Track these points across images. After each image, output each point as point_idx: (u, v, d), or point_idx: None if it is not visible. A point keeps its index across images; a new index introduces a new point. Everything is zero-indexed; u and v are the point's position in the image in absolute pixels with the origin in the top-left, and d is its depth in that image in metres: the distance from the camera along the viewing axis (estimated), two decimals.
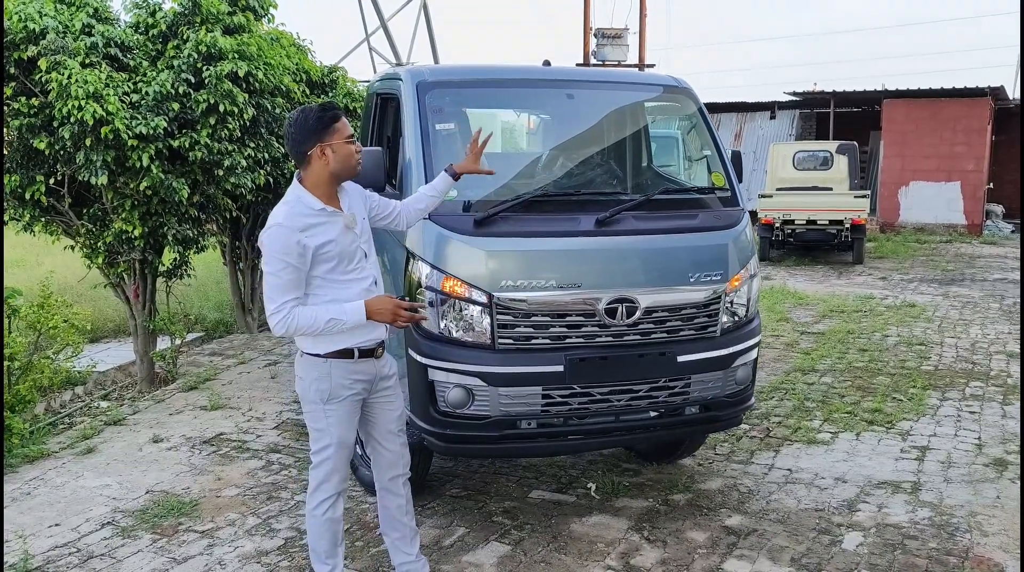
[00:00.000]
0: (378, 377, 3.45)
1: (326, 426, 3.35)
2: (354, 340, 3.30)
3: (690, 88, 4.73)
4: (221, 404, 6.69)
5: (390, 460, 3.61)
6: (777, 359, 8.14)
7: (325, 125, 3.22)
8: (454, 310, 3.92)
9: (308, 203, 3.23)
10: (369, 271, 3.37)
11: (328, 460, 3.38)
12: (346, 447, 3.41)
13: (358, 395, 3.39)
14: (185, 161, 6.92)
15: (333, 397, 3.32)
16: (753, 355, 4.44)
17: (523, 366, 3.93)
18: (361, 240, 3.35)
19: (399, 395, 3.59)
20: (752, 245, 4.46)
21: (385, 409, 3.53)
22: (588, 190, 4.40)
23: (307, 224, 3.18)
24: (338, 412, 3.34)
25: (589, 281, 3.96)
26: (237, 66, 6.83)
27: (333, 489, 3.41)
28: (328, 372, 3.30)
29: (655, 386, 4.11)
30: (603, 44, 25.15)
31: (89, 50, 6.60)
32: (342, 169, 3.26)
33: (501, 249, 3.91)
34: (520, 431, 4.02)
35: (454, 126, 4.27)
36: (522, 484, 5.04)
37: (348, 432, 3.39)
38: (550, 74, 4.54)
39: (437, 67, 4.53)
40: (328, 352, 3.29)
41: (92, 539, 4.38)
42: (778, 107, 23.37)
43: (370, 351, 3.38)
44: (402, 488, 3.66)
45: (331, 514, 3.43)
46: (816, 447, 5.67)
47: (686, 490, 4.94)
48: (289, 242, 3.12)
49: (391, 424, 3.56)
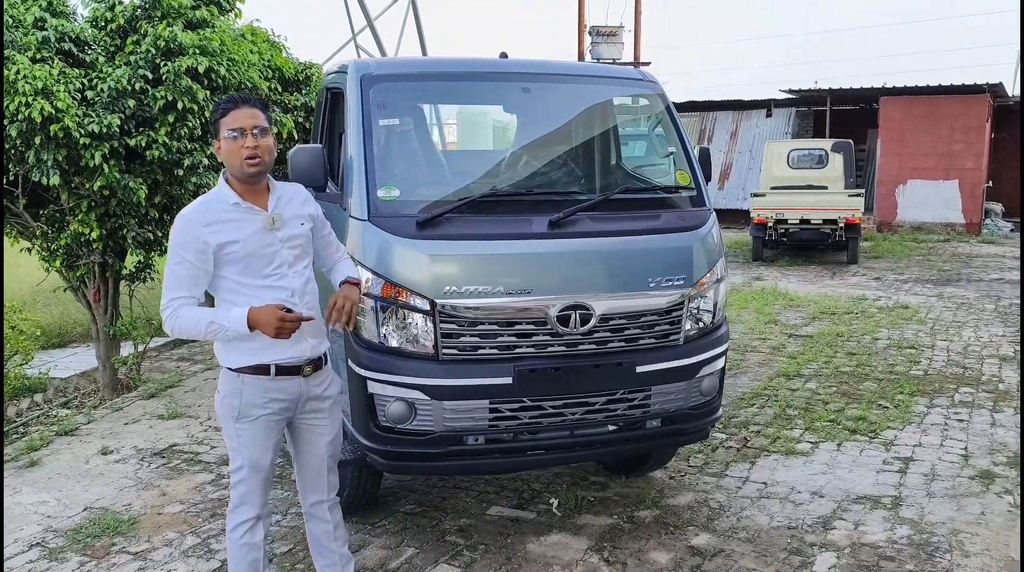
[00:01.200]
0: (305, 397, 3.14)
1: (238, 445, 3.07)
2: (272, 355, 3.00)
3: (656, 82, 4.46)
4: (179, 413, 6.44)
5: (315, 485, 3.32)
6: (762, 363, 7.87)
7: (215, 119, 2.99)
8: (396, 318, 3.66)
9: (224, 197, 2.99)
10: (289, 282, 3.05)
11: (242, 482, 3.10)
12: (260, 469, 3.10)
13: (274, 416, 3.08)
14: (144, 160, 6.65)
15: (243, 415, 3.03)
16: (720, 364, 4.17)
17: (469, 378, 3.66)
18: (285, 245, 3.05)
19: (334, 419, 3.27)
20: (719, 247, 4.19)
21: (315, 433, 3.23)
22: (543, 190, 4.12)
23: (214, 219, 2.93)
24: (249, 432, 3.05)
25: (540, 287, 3.70)
26: (197, 61, 6.56)
27: (250, 513, 3.13)
28: (240, 388, 3.02)
29: (612, 399, 3.85)
30: (598, 42, 24.88)
31: (41, 45, 6.34)
32: (229, 167, 2.99)
33: (444, 253, 3.65)
34: (467, 447, 3.75)
35: (399, 122, 4.00)
36: (481, 500, 4.78)
37: (261, 454, 3.09)
38: (505, 67, 4.27)
39: (386, 60, 4.27)
40: (240, 366, 3.01)
41: (16, 562, 4.13)
42: (774, 105, 23.05)
43: (293, 369, 3.07)
44: (328, 514, 3.37)
45: (248, 539, 3.13)
46: (795, 458, 5.41)
47: (653, 506, 4.68)
48: (188, 236, 2.90)
49: (320, 448, 3.26)
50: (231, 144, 2.92)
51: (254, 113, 2.95)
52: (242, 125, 2.92)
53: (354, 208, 3.77)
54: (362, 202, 3.75)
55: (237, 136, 2.91)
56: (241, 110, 2.94)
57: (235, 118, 2.93)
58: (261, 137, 2.94)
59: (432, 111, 4.32)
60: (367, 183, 3.77)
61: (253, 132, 2.92)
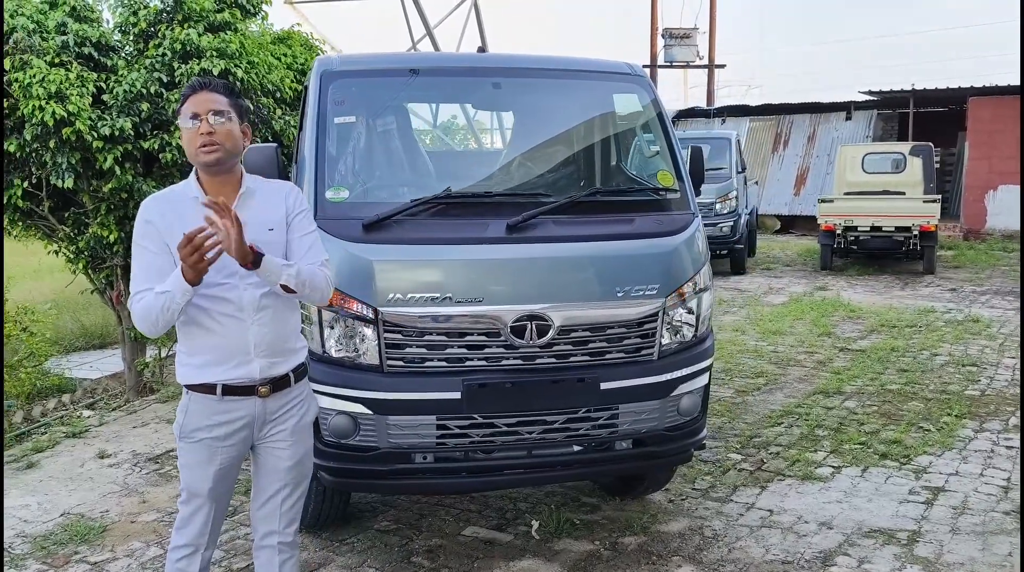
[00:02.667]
0: (262, 420, 2.80)
1: (180, 466, 2.82)
2: (215, 374, 2.69)
3: (643, 76, 4.15)
4: None
5: (267, 514, 2.93)
6: (802, 379, 7.39)
7: (179, 107, 2.74)
8: (340, 328, 3.46)
9: (189, 190, 2.73)
10: (242, 293, 2.69)
11: (182, 504, 2.83)
12: (197, 496, 2.78)
13: (220, 441, 2.74)
14: (161, 164, 6.66)
15: (184, 435, 2.76)
16: (701, 382, 3.83)
17: (414, 392, 3.44)
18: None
19: (298, 443, 2.88)
20: (703, 254, 3.85)
21: (273, 457, 2.87)
22: (505, 191, 3.86)
23: (170, 210, 2.67)
24: (188, 453, 2.77)
25: (493, 296, 3.44)
26: (212, 64, 6.54)
27: (186, 539, 2.82)
28: (186, 406, 2.77)
29: (573, 417, 3.56)
30: (670, 44, 24.43)
31: (60, 49, 6.41)
32: (188, 156, 2.71)
33: (388, 258, 3.43)
34: (414, 466, 3.52)
35: (355, 119, 3.79)
36: (460, 519, 4.53)
37: (199, 481, 2.77)
38: (475, 61, 4.03)
39: (353, 56, 4.07)
40: (188, 384, 2.75)
41: None
42: (854, 107, 22.08)
43: (244, 389, 2.73)
44: (276, 550, 2.94)
45: (182, 566, 2.82)
46: (810, 484, 4.98)
47: (641, 532, 4.35)
48: (143, 223, 2.68)
49: (278, 474, 2.89)
50: (188, 132, 2.66)
51: (213, 97, 2.67)
52: (197, 110, 2.65)
53: None
54: (310, 204, 3.56)
55: (192, 123, 2.65)
56: (200, 95, 2.67)
57: (192, 103, 2.67)
58: (218, 121, 2.64)
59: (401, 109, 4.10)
60: (316, 183, 3.58)
61: (207, 117, 2.64)
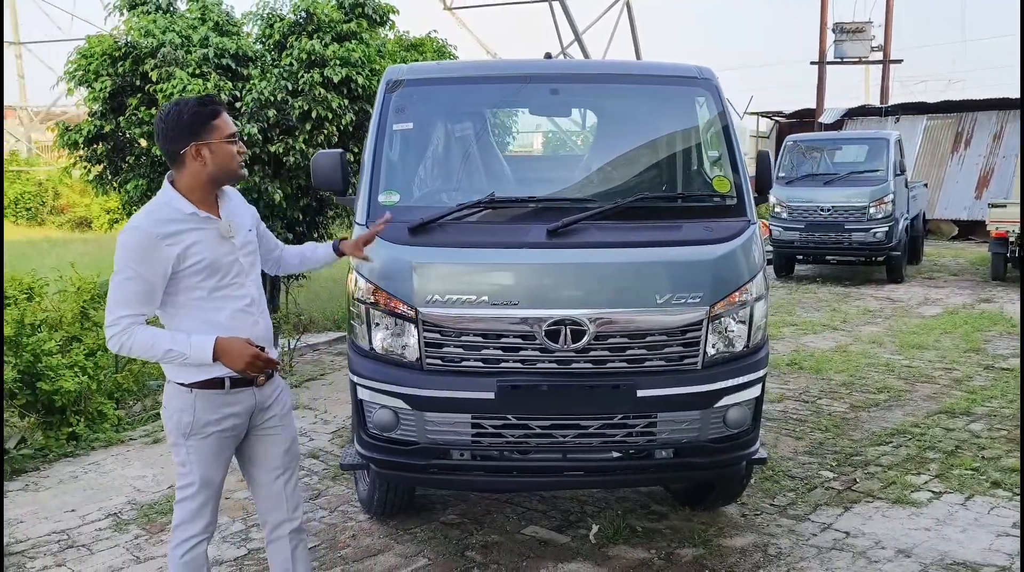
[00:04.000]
0: (258, 409, 3.02)
1: (188, 463, 2.96)
2: (224, 368, 2.86)
3: (710, 79, 4.04)
4: (301, 404, 6.80)
5: (273, 503, 3.14)
6: (929, 397, 6.91)
7: (202, 122, 2.86)
8: (384, 325, 3.62)
9: (177, 207, 2.85)
10: (248, 290, 2.97)
11: (189, 500, 2.99)
12: (210, 487, 3.00)
13: (227, 432, 2.97)
14: (286, 166, 7.13)
15: (195, 433, 2.92)
16: (753, 394, 3.71)
17: (451, 390, 3.54)
18: (241, 252, 2.98)
19: (287, 428, 3.13)
20: (757, 262, 3.72)
21: (267, 444, 3.09)
22: (550, 196, 3.88)
23: (173, 230, 2.80)
24: (201, 450, 2.94)
25: (529, 299, 3.49)
26: (335, 72, 6.92)
27: (193, 531, 3.01)
28: (192, 404, 2.90)
29: (609, 423, 3.55)
30: (842, 40, 23.25)
31: (201, 61, 6.98)
32: (221, 172, 2.91)
33: (428, 260, 3.55)
34: (452, 462, 3.63)
35: (413, 126, 3.94)
36: (523, 517, 4.60)
37: (213, 472, 2.98)
38: (535, 68, 4.07)
39: (420, 65, 4.23)
40: (193, 381, 2.90)
41: (87, 529, 4.56)
42: None
43: (246, 380, 2.93)
44: (288, 537, 3.16)
45: (190, 557, 3.01)
46: (901, 508, 4.69)
47: (702, 544, 4.26)
48: (144, 249, 2.76)
49: (275, 460, 3.11)
50: (228, 149, 2.88)
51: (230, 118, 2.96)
52: (233, 131, 2.92)
53: (357, 212, 3.78)
54: (363, 206, 3.75)
55: (233, 140, 2.90)
56: (226, 115, 2.91)
57: (226, 124, 2.89)
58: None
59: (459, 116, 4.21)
60: (371, 187, 3.76)
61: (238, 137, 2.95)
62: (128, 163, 7.38)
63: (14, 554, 4.26)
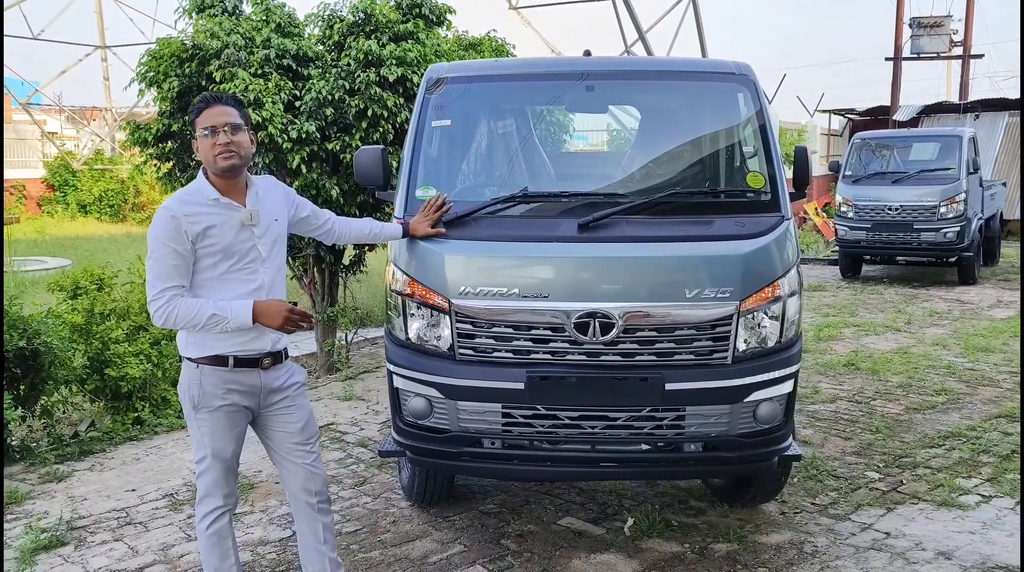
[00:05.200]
0: (266, 390, 3.20)
1: (200, 436, 3.17)
2: (230, 347, 3.09)
3: (747, 75, 4.03)
4: (354, 396, 6.99)
5: (299, 479, 3.31)
6: (990, 400, 6.73)
7: (193, 118, 3.11)
8: (418, 316, 3.73)
9: (204, 192, 3.09)
10: (260, 276, 3.14)
11: (207, 472, 3.19)
12: (223, 460, 3.17)
13: (234, 406, 3.14)
14: (343, 163, 7.32)
15: (203, 405, 3.12)
16: (783, 389, 3.70)
17: (482, 380, 3.63)
18: (261, 241, 3.14)
19: (301, 406, 3.30)
20: (791, 257, 3.71)
21: (283, 421, 3.27)
22: (583, 191, 3.92)
23: (194, 211, 3.03)
24: (210, 422, 3.13)
25: (558, 292, 3.56)
26: (391, 72, 7.08)
27: (215, 504, 3.21)
28: (199, 378, 3.11)
29: (636, 416, 3.59)
30: (918, 35, 22.60)
31: (263, 62, 7.21)
32: (206, 163, 3.09)
33: (462, 253, 3.65)
34: (484, 450, 3.72)
35: (451, 122, 4.03)
36: (561, 508, 4.66)
37: (224, 444, 3.16)
38: (573, 66, 4.12)
39: (460, 64, 4.32)
40: (200, 357, 3.10)
41: (144, 508, 4.79)
42: None
43: (252, 361, 3.13)
44: (316, 514, 3.34)
45: (215, 528, 3.21)
46: (946, 511, 4.60)
47: (737, 540, 4.25)
48: (170, 226, 2.98)
49: (294, 437, 3.29)
50: (205, 142, 3.04)
51: (226, 110, 3.07)
52: (214, 123, 3.03)
53: (396, 206, 3.90)
54: (400, 200, 3.87)
55: (209, 134, 3.04)
56: (213, 108, 3.06)
57: (207, 117, 3.04)
58: (234, 134, 3.04)
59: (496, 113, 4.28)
60: (408, 182, 3.88)
61: (224, 129, 3.04)
62: (194, 160, 7.65)
63: (77, 528, 4.51)
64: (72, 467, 5.44)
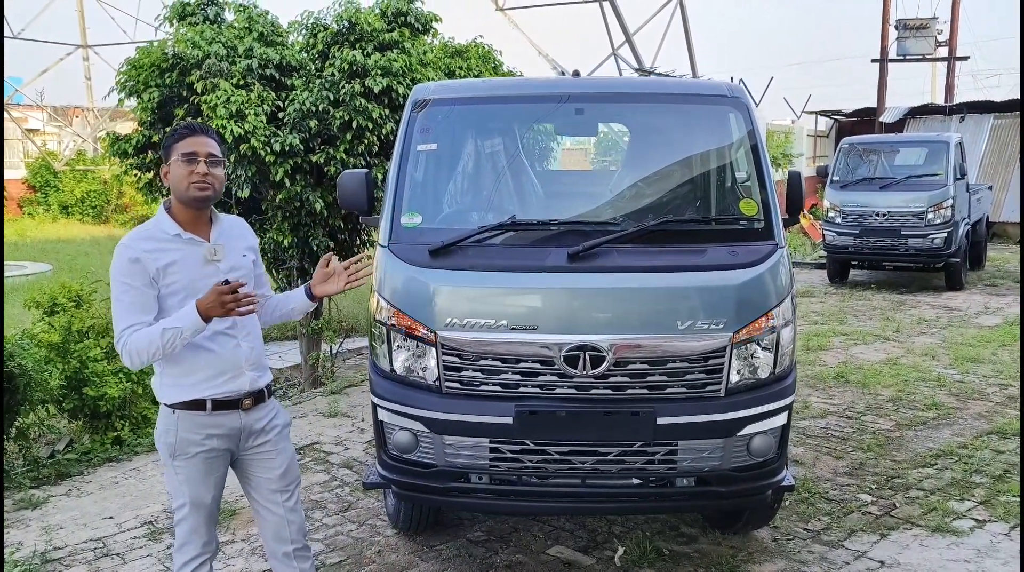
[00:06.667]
0: (247, 432, 3.07)
1: (177, 484, 3.03)
2: (206, 390, 2.96)
3: (740, 98, 3.94)
4: (339, 412, 6.87)
5: (276, 526, 3.18)
6: (981, 416, 6.68)
7: (170, 143, 2.96)
8: (404, 348, 3.63)
9: (164, 227, 2.96)
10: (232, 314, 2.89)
11: (185, 520, 3.06)
12: (202, 507, 3.05)
13: (212, 452, 3.01)
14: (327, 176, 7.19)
15: (180, 453, 2.98)
16: (777, 422, 3.62)
17: (469, 414, 3.52)
18: (227, 276, 2.93)
19: (283, 450, 3.16)
20: (785, 287, 3.63)
21: (263, 466, 3.13)
22: (572, 219, 3.82)
23: (153, 248, 2.90)
24: (187, 469, 2.99)
25: (548, 324, 3.46)
26: (376, 82, 6.95)
27: (194, 552, 3.08)
28: (175, 424, 2.97)
29: (628, 451, 3.50)
30: (904, 36, 22.65)
31: (246, 72, 7.06)
32: (175, 191, 2.94)
33: (447, 284, 3.54)
34: (471, 485, 3.62)
35: (437, 146, 3.93)
36: (550, 536, 4.57)
37: (203, 492, 3.03)
38: (562, 87, 4.02)
39: (447, 84, 4.21)
40: (176, 402, 2.97)
41: (122, 537, 4.67)
42: None
43: (231, 402, 3.00)
44: (294, 561, 3.20)
45: None
46: (941, 537, 4.54)
47: (729, 570, 4.18)
48: (129, 263, 2.86)
49: (272, 483, 3.15)
50: (182, 167, 2.91)
51: (209, 142, 2.96)
52: (196, 150, 2.92)
53: (380, 233, 3.79)
54: (385, 228, 3.76)
55: (189, 161, 2.91)
56: (198, 137, 2.95)
57: (189, 143, 2.93)
58: (212, 166, 2.94)
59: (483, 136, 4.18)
60: (393, 209, 3.77)
61: (206, 159, 2.93)
62: None
63: (52, 561, 4.38)
64: (48, 492, 5.31)
